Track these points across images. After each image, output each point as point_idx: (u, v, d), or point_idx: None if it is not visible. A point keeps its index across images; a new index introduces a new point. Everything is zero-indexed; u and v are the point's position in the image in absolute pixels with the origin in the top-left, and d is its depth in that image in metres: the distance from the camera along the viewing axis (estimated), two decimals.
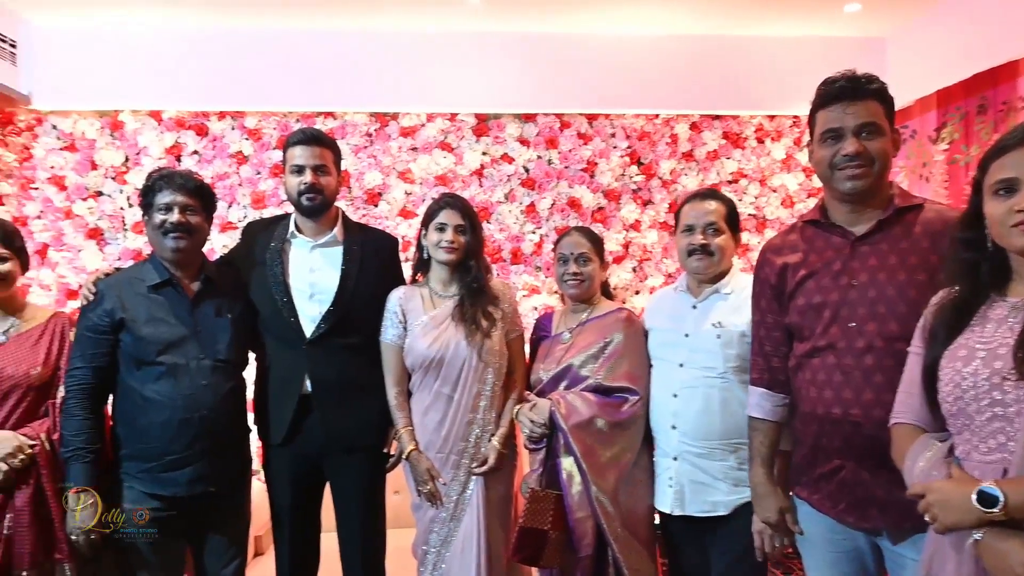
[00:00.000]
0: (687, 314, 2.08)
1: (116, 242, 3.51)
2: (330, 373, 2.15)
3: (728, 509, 1.97)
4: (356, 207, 3.56)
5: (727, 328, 1.99)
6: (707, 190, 2.23)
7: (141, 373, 2.00)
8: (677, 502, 2.02)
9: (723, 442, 1.98)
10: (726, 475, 1.97)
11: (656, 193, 3.73)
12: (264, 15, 3.41)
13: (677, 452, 2.02)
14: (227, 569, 2.13)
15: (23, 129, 3.46)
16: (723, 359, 1.98)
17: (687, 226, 2.07)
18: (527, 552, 2.05)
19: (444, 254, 2.18)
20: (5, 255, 2.07)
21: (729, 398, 1.97)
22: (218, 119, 3.54)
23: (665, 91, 3.68)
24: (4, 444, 1.93)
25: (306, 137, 2.18)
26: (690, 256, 2.06)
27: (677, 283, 2.20)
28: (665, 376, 2.09)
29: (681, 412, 2.02)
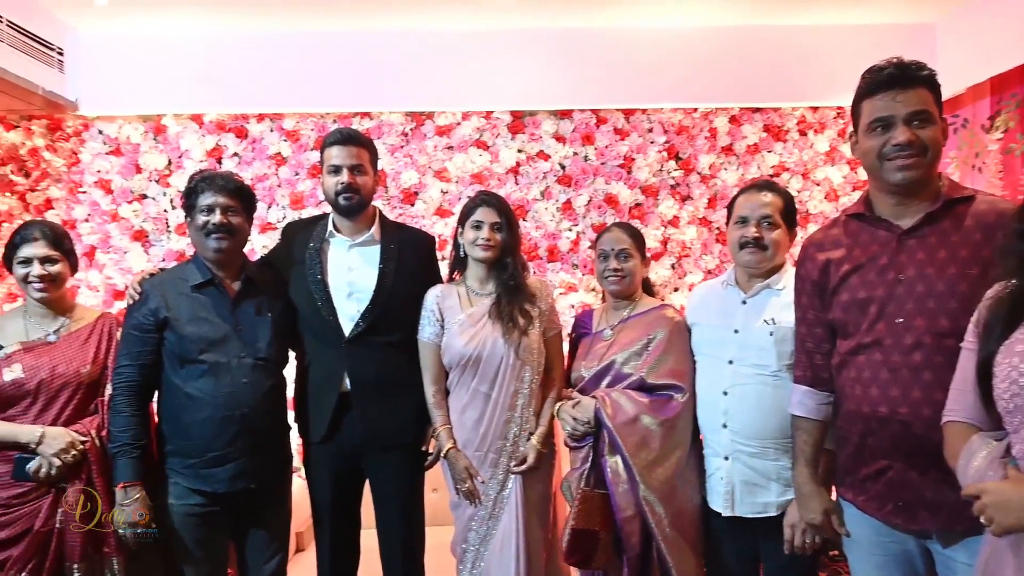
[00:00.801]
0: (736, 310, 2.03)
1: (160, 243, 3.59)
2: (368, 371, 2.17)
3: (779, 510, 1.92)
4: (393, 206, 3.58)
5: (781, 325, 1.93)
6: (764, 181, 2.16)
7: (184, 371, 2.04)
8: (727, 502, 1.98)
9: (777, 441, 1.92)
10: (779, 475, 1.92)
11: (695, 188, 3.67)
12: (301, 18, 3.45)
13: (729, 451, 1.98)
14: (269, 564, 2.17)
15: (71, 134, 3.57)
16: (776, 356, 1.92)
17: (741, 218, 2.02)
18: (580, 555, 2.02)
19: (480, 252, 2.17)
20: (55, 257, 2.12)
21: (783, 396, 1.90)
22: (257, 121, 3.60)
23: (704, 84, 3.62)
24: (56, 440, 1.99)
25: (343, 137, 2.20)
26: (742, 249, 2.00)
27: (724, 277, 2.15)
28: (713, 373, 2.04)
29: (733, 410, 1.97)
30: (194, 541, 2.06)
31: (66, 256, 2.16)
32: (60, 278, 2.14)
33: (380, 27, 3.54)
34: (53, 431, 2.00)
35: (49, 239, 2.12)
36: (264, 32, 3.55)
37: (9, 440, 1.99)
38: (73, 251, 2.21)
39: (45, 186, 3.55)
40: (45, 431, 1.99)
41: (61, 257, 2.14)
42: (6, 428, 2.01)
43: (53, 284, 2.12)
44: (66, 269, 2.16)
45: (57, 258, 2.13)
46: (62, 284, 2.17)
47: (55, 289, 2.14)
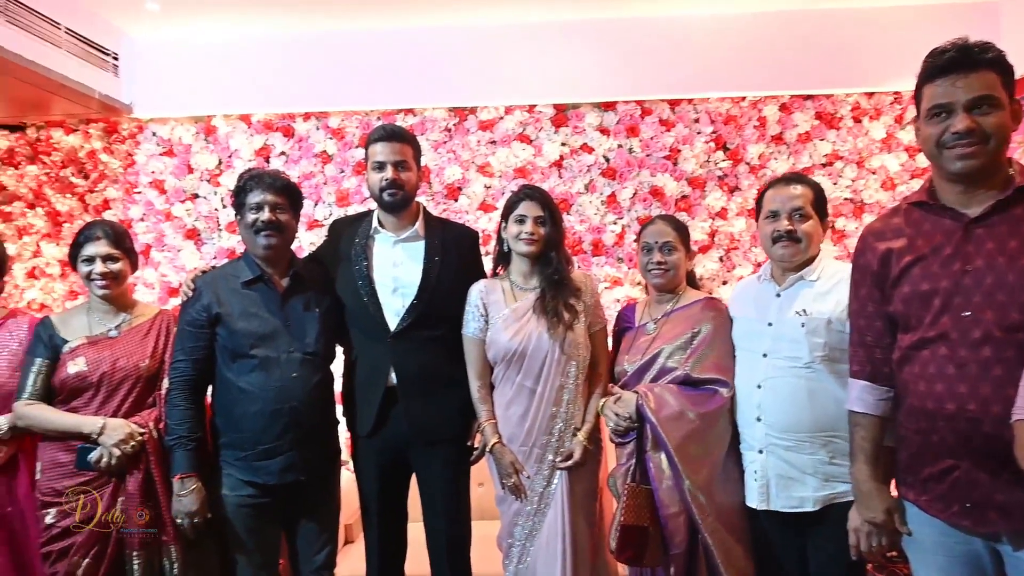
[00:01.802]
0: (771, 302, 2.01)
1: (212, 241, 3.68)
2: (414, 366, 2.19)
3: (817, 505, 1.90)
4: (436, 202, 3.59)
5: (812, 316, 1.91)
6: (792, 174, 2.15)
7: (236, 365, 2.09)
8: (762, 496, 1.96)
9: (813, 435, 1.90)
10: (816, 469, 1.90)
11: (743, 179, 3.59)
12: (345, 17, 3.48)
13: (763, 445, 1.96)
14: (319, 555, 2.21)
15: (126, 137, 3.68)
16: (809, 348, 1.90)
17: (771, 212, 2.01)
18: (631, 551, 2.00)
19: (524, 246, 2.16)
20: (116, 255, 2.19)
21: (818, 389, 1.90)
22: (303, 120, 3.65)
23: (752, 72, 3.52)
24: (117, 432, 2.05)
25: (386, 134, 2.22)
26: (775, 243, 1.99)
27: (761, 271, 2.13)
28: (749, 366, 2.03)
29: (766, 404, 1.96)
30: (246, 531, 2.11)
31: (126, 254, 2.23)
32: (121, 275, 2.21)
33: (422, 24, 3.55)
34: (113, 422, 2.07)
35: (110, 238, 2.19)
36: (309, 32, 3.59)
37: (73, 430, 2.07)
38: (133, 249, 2.28)
39: (103, 187, 3.67)
40: (106, 422, 2.06)
41: (122, 255, 2.20)
42: (70, 419, 2.09)
43: (114, 281, 2.19)
44: (126, 267, 2.23)
45: (118, 256, 2.19)
46: (123, 281, 2.23)
47: (116, 286, 2.21)
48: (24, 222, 3.65)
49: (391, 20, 3.52)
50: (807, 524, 1.93)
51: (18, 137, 3.67)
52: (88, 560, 2.03)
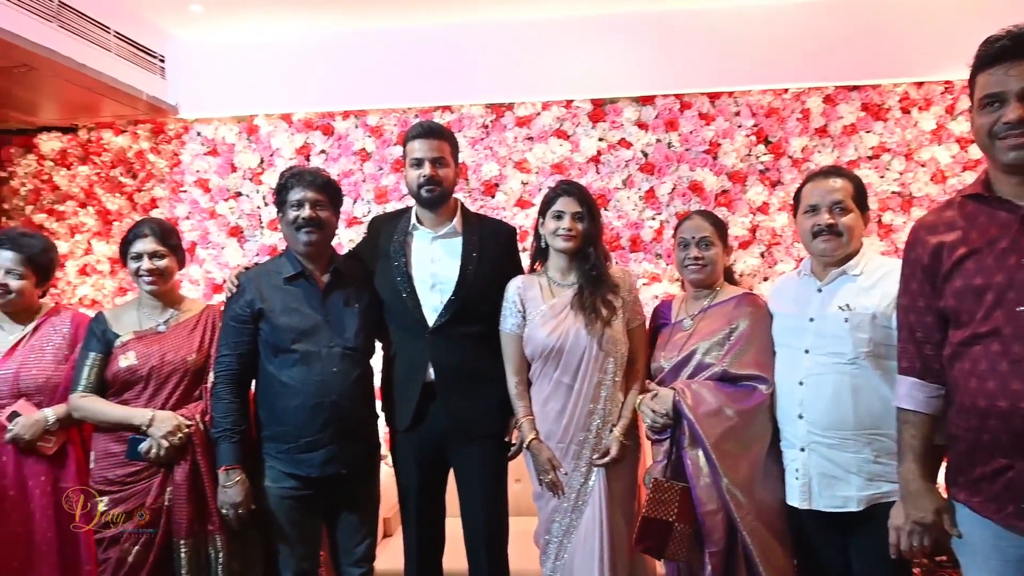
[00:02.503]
0: (812, 298, 1.98)
1: (254, 239, 3.75)
2: (452, 361, 2.20)
3: (861, 505, 1.86)
4: (474, 199, 3.61)
5: (856, 311, 1.88)
6: (831, 167, 2.12)
7: (278, 360, 2.13)
8: (804, 495, 1.93)
9: (857, 433, 1.87)
10: (860, 468, 1.86)
11: (786, 173, 3.51)
12: (382, 16, 3.51)
13: (805, 443, 1.93)
14: (359, 548, 2.24)
15: (172, 137, 3.78)
16: (853, 344, 1.87)
17: (810, 206, 1.98)
18: (650, 543, 2.00)
19: (562, 242, 2.16)
20: (163, 252, 2.25)
21: (862, 385, 1.86)
22: (343, 118, 3.70)
23: (795, 63, 3.45)
24: (165, 423, 2.11)
25: (424, 130, 2.24)
26: (815, 238, 1.96)
27: (801, 267, 2.10)
28: (790, 363, 2.00)
29: (808, 401, 1.93)
30: (289, 522, 2.15)
31: (173, 251, 2.28)
32: (167, 272, 2.27)
33: (459, 21, 3.57)
34: (162, 414, 2.13)
35: (157, 235, 2.25)
36: (347, 31, 3.64)
37: (124, 422, 2.14)
38: (180, 247, 2.34)
39: (150, 186, 3.78)
40: (155, 414, 2.13)
41: (168, 252, 2.26)
42: (121, 411, 2.16)
43: (161, 277, 2.25)
44: (173, 264, 2.29)
45: (164, 253, 2.25)
46: (170, 277, 2.29)
47: (163, 282, 2.27)
48: (76, 221, 3.78)
49: (428, 18, 3.54)
50: (851, 524, 1.89)
51: (70, 138, 3.80)
52: (138, 547, 2.10)
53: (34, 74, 2.98)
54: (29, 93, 3.25)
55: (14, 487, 2.19)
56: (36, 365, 2.25)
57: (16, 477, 2.19)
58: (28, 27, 2.74)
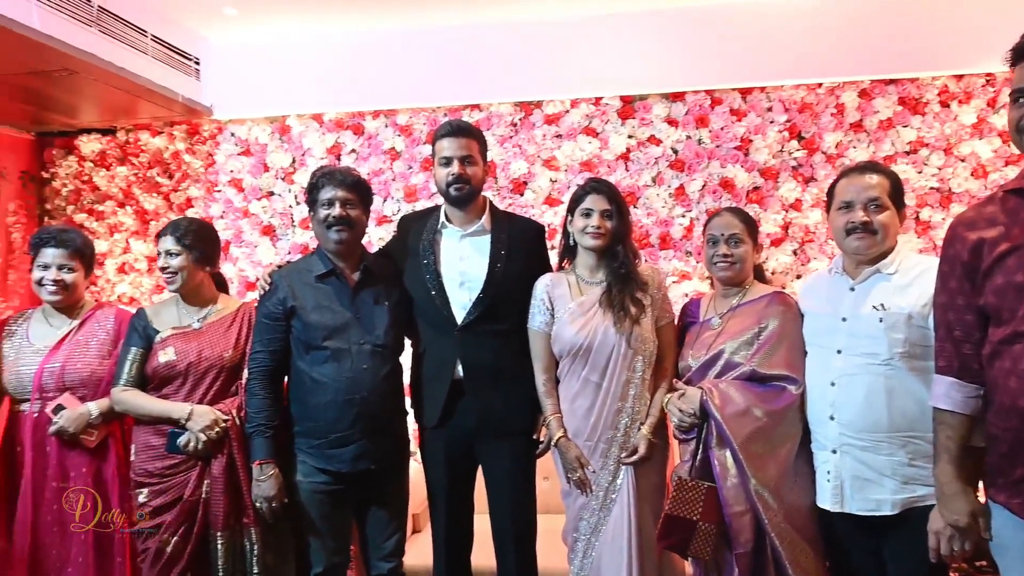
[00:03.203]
0: (844, 297, 1.94)
1: (286, 237, 3.80)
2: (480, 358, 2.21)
3: (895, 508, 1.82)
4: (502, 197, 3.61)
5: (891, 311, 1.84)
6: (867, 163, 2.07)
7: (309, 356, 2.16)
8: (836, 498, 1.90)
9: (891, 435, 1.83)
10: (894, 471, 1.82)
11: (819, 169, 3.45)
12: (411, 16, 3.53)
13: (837, 445, 1.90)
14: (389, 542, 2.27)
15: (207, 138, 3.85)
16: (888, 344, 1.83)
17: (844, 203, 1.93)
18: (673, 540, 1.99)
19: (590, 240, 2.15)
20: (175, 251, 2.25)
21: (896, 387, 1.82)
22: (372, 118, 3.73)
23: (829, 57, 3.38)
24: (203, 418, 2.16)
25: (452, 129, 2.25)
26: (849, 235, 1.92)
27: (832, 264, 2.06)
28: (821, 363, 1.96)
29: (840, 402, 1.89)
30: (320, 516, 2.18)
31: (188, 250, 2.26)
32: (181, 271, 2.26)
33: (488, 19, 3.57)
34: (200, 409, 2.18)
35: (174, 235, 2.26)
36: (377, 31, 3.67)
37: (163, 416, 2.19)
38: (197, 245, 2.28)
39: (186, 186, 3.86)
40: (193, 408, 2.17)
41: (181, 251, 2.26)
42: (161, 405, 2.21)
43: (175, 276, 2.27)
44: (186, 262, 2.26)
45: (176, 252, 2.26)
46: (184, 276, 2.27)
47: (175, 282, 2.28)
48: (115, 220, 3.88)
49: (457, 17, 3.56)
50: (885, 528, 1.86)
51: (109, 140, 3.89)
52: (176, 538, 2.15)
53: (75, 78, 3.06)
54: (70, 96, 3.34)
55: (57, 478, 2.25)
56: (81, 360, 2.31)
57: (59, 468, 2.26)
58: (69, 32, 2.82)
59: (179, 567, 2.15)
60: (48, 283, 2.32)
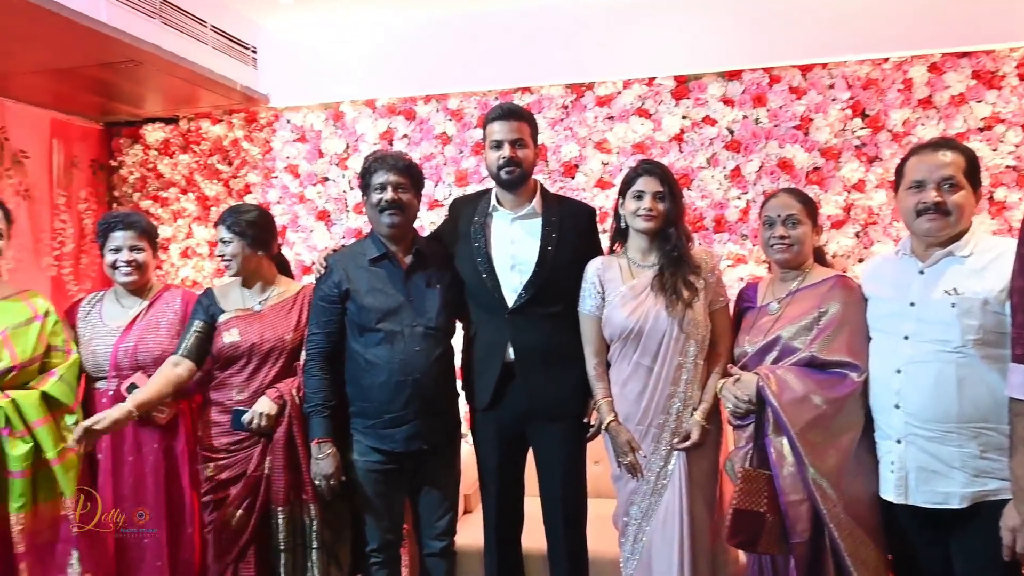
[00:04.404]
0: (913, 280, 1.86)
1: (340, 222, 3.87)
2: (531, 341, 2.21)
3: (964, 502, 1.75)
4: (553, 180, 3.58)
5: (965, 296, 1.75)
6: (940, 139, 1.96)
7: (364, 338, 2.20)
8: (900, 490, 1.84)
9: (961, 425, 1.75)
10: (964, 463, 1.75)
11: (884, 148, 3.31)
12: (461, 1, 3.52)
13: (902, 434, 1.83)
14: (441, 521, 2.31)
15: (264, 125, 3.94)
16: (960, 331, 1.74)
17: (916, 182, 1.84)
18: (744, 536, 1.95)
19: (642, 222, 2.12)
20: (227, 238, 2.33)
21: (968, 376, 1.74)
22: (424, 103, 3.74)
23: (896, 30, 3.23)
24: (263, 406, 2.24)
25: (503, 112, 2.24)
26: (919, 216, 1.83)
27: (899, 246, 1.97)
28: (886, 350, 1.89)
29: (906, 390, 1.82)
30: (375, 494, 2.24)
31: (240, 236, 2.32)
32: (235, 257, 2.34)
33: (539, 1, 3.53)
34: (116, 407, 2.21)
35: (225, 223, 2.34)
36: (428, 17, 3.67)
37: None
38: (249, 231, 2.32)
39: (244, 173, 3.96)
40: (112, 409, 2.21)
41: (233, 238, 2.33)
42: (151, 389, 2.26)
43: (230, 262, 2.35)
44: (240, 248, 2.33)
45: (229, 239, 2.33)
46: (239, 261, 2.34)
47: (231, 268, 2.36)
48: (178, 206, 4.01)
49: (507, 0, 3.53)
50: (952, 522, 1.79)
51: (172, 129, 4.02)
52: (240, 511, 2.24)
53: (140, 68, 3.16)
54: (135, 87, 3.45)
55: (131, 452, 2.37)
56: (152, 339, 2.41)
57: (134, 443, 2.37)
58: (134, 24, 2.91)
59: (243, 539, 2.24)
60: (122, 265, 2.42)
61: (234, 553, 2.24)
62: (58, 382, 2.27)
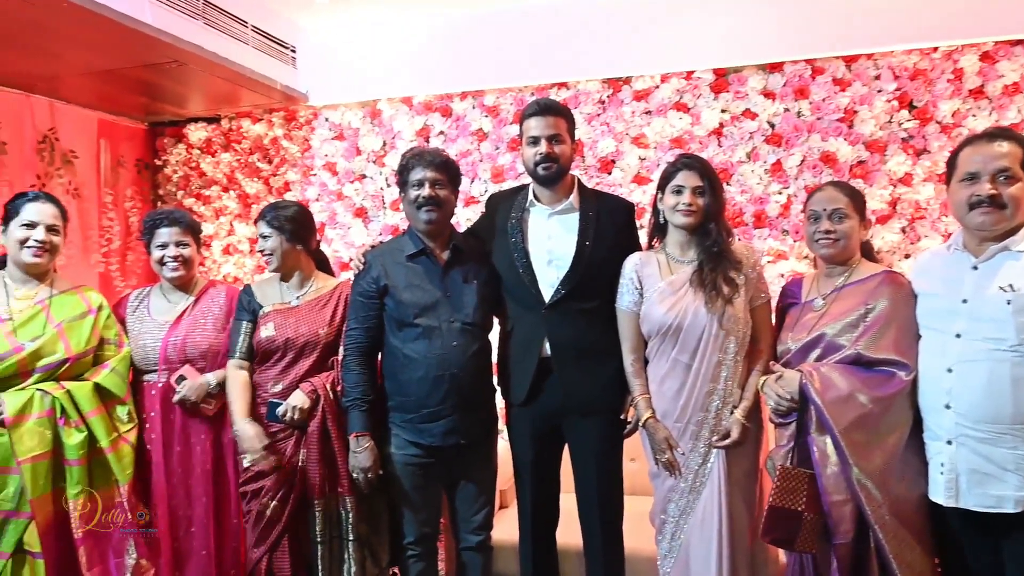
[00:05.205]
0: (965, 276, 1.81)
1: (377, 219, 3.90)
2: (568, 337, 2.20)
3: (1018, 506, 1.70)
4: (589, 176, 3.56)
5: (1021, 292, 1.70)
6: (996, 129, 1.89)
7: (402, 333, 2.22)
8: (950, 492, 1.79)
9: (1015, 427, 1.71)
10: (1019, 466, 1.70)
11: (932, 140, 3.21)
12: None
13: (952, 435, 1.78)
14: (478, 516, 2.32)
15: (303, 123, 3.99)
16: (1016, 329, 1.70)
17: (969, 173, 1.79)
18: (778, 534, 1.92)
19: (681, 217, 2.10)
20: (267, 234, 2.37)
21: (1023, 376, 1.68)
22: (460, 99, 3.75)
23: (946, 17, 3.12)
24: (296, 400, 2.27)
25: (540, 108, 2.23)
26: (972, 209, 1.78)
27: (951, 240, 1.92)
28: (937, 348, 1.84)
29: (958, 390, 1.77)
30: (412, 488, 2.25)
31: (279, 231, 2.36)
32: (275, 251, 2.37)
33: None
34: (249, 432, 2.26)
35: (265, 219, 2.39)
36: (463, 13, 3.68)
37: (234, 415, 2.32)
38: (288, 226, 2.37)
39: (284, 171, 4.02)
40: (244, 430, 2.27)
41: (273, 232, 2.37)
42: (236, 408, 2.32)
43: (271, 257, 2.39)
44: (279, 243, 2.37)
45: (268, 234, 2.37)
46: (279, 256, 2.38)
47: (272, 263, 2.40)
48: (220, 204, 4.10)
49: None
50: (1006, 527, 1.74)
51: (214, 128, 4.11)
52: (276, 502, 2.28)
53: (183, 69, 3.24)
54: (179, 87, 3.53)
55: (180, 443, 2.43)
56: (200, 334, 2.47)
57: (183, 434, 2.44)
58: (177, 25, 2.98)
59: (278, 529, 2.28)
60: (168, 260, 2.47)
61: (269, 543, 2.28)
62: (110, 374, 2.34)
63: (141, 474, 2.41)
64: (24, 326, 2.24)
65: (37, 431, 2.16)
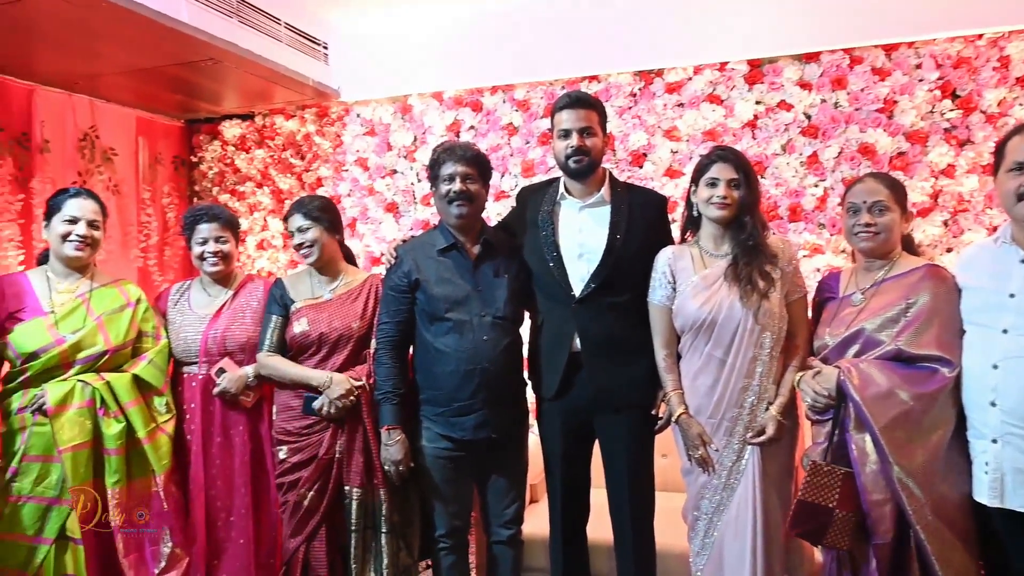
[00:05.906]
0: (1014, 270, 1.76)
1: (408, 214, 3.92)
2: (598, 331, 2.19)
3: None
4: (621, 169, 3.53)
5: None
6: None
7: (433, 328, 2.23)
8: (995, 492, 1.75)
9: None
10: None
11: (977, 131, 3.11)
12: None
13: (998, 434, 1.74)
14: (509, 510, 2.33)
15: (335, 120, 4.03)
16: None
17: (1018, 163, 1.74)
18: (806, 528, 1.90)
19: (715, 211, 2.07)
20: (304, 226, 2.38)
21: None
22: (491, 94, 3.75)
23: (991, 2, 3.02)
24: (339, 386, 2.29)
25: (571, 100, 2.22)
26: (1021, 200, 1.73)
27: (998, 233, 1.87)
28: (982, 344, 1.79)
29: (1004, 387, 1.73)
30: (443, 481, 2.27)
31: (317, 222, 2.38)
32: (316, 242, 2.39)
33: None
34: (338, 377, 2.30)
35: (301, 212, 2.40)
36: (493, 7, 3.66)
37: (302, 381, 2.34)
38: (324, 216, 2.39)
39: (316, 167, 4.06)
40: (332, 376, 2.30)
41: (311, 224, 2.38)
42: (302, 371, 2.36)
43: (311, 249, 2.40)
44: (319, 233, 2.38)
45: (307, 226, 2.38)
46: (320, 247, 2.39)
47: (312, 254, 2.41)
48: (254, 200, 4.15)
49: None
50: None
51: (248, 125, 4.16)
52: (312, 492, 2.31)
53: (218, 66, 3.28)
54: (214, 84, 3.59)
55: (220, 434, 2.48)
56: (239, 327, 2.51)
57: (222, 426, 2.48)
58: (212, 23, 3.02)
59: (315, 519, 2.31)
60: (209, 255, 2.52)
61: (306, 532, 2.30)
62: (148, 365, 2.39)
63: (180, 464, 2.45)
64: (65, 319, 2.30)
65: (78, 421, 2.22)
